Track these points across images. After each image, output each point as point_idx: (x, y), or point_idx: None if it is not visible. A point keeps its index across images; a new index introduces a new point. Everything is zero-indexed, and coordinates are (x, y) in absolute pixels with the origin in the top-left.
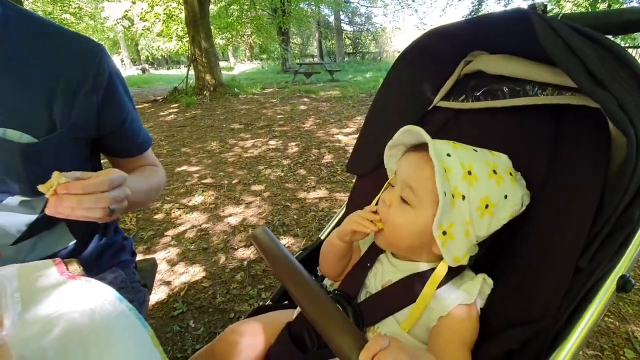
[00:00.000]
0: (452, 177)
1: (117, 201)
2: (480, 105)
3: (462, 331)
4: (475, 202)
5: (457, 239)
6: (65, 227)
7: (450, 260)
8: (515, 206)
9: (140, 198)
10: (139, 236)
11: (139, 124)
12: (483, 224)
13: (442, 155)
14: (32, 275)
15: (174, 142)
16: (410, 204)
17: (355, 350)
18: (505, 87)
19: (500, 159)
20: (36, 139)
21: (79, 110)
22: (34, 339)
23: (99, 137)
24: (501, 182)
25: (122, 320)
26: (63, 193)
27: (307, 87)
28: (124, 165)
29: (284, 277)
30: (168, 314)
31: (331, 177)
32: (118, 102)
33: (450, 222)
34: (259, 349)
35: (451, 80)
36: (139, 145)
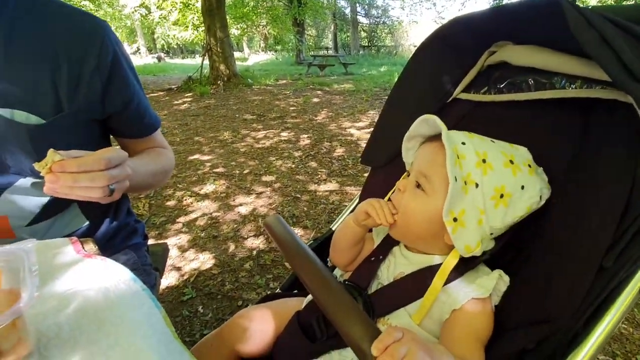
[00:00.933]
0: (466, 164)
1: (116, 180)
2: (503, 98)
3: (475, 325)
4: (489, 191)
5: (469, 227)
6: (78, 209)
7: (461, 249)
8: (533, 198)
9: (146, 180)
10: (151, 222)
11: (146, 105)
12: (498, 214)
13: (456, 142)
14: (50, 252)
15: (187, 131)
16: (424, 190)
17: (367, 340)
18: (531, 80)
19: (519, 151)
20: (43, 120)
21: (84, 91)
22: (50, 315)
23: (105, 118)
24: (518, 172)
25: (135, 300)
26: (58, 171)
27: (320, 79)
28: (131, 147)
29: (297, 265)
30: (178, 299)
31: (342, 171)
32: (123, 81)
33: (462, 210)
34: (268, 336)
35: (473, 72)
36: (146, 127)
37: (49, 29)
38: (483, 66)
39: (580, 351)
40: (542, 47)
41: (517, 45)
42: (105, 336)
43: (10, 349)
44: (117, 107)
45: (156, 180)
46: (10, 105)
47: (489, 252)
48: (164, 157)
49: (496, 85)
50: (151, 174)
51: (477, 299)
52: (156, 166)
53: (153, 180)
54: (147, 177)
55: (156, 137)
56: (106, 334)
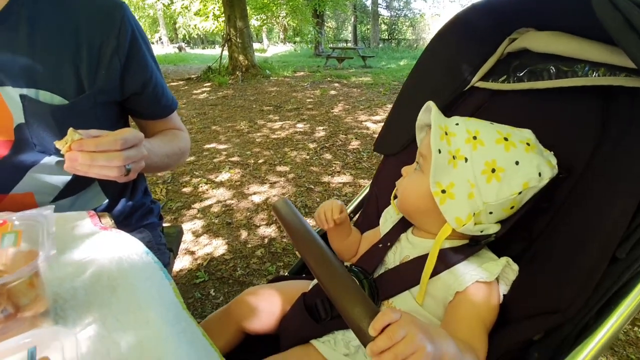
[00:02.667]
0: (455, 140)
1: (132, 160)
2: (522, 86)
3: (478, 309)
4: (480, 165)
5: (459, 200)
6: (99, 187)
7: (452, 221)
8: (530, 175)
9: (161, 161)
10: (168, 207)
11: (163, 86)
12: (491, 188)
13: (448, 123)
14: (68, 224)
15: (205, 120)
16: (421, 169)
17: (366, 319)
18: (552, 67)
19: (521, 132)
20: (66, 101)
21: (104, 72)
22: (67, 280)
23: (123, 99)
24: (511, 148)
25: (147, 271)
26: (77, 150)
27: (338, 72)
28: (149, 128)
29: (301, 247)
30: (191, 281)
31: (357, 163)
32: (141, 62)
33: (451, 182)
34: (275, 314)
35: (492, 60)
36: (163, 108)
37: (70, 9)
38: (503, 54)
39: (590, 342)
40: (565, 33)
41: (539, 32)
42: (117, 301)
43: (28, 304)
44: (136, 88)
45: (172, 161)
46: (34, 85)
47: (493, 235)
48: (180, 139)
49: (516, 74)
50: (167, 155)
51: (481, 283)
52: (172, 147)
53: (169, 161)
54: (163, 158)
55: (173, 119)
56: (118, 300)
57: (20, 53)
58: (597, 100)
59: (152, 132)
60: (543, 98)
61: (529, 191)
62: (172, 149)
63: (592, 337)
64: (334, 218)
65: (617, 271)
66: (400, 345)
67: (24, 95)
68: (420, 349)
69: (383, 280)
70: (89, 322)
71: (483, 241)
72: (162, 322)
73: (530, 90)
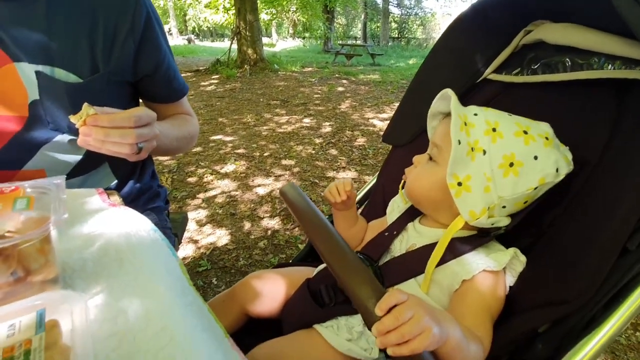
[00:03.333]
0: (474, 132)
1: (144, 139)
2: (536, 79)
3: (485, 297)
4: (498, 159)
5: (474, 193)
6: (109, 168)
7: (466, 214)
8: (547, 170)
9: (171, 144)
10: (173, 196)
11: (175, 70)
12: (507, 183)
13: (467, 112)
14: (78, 200)
15: (212, 112)
16: (435, 160)
17: (372, 300)
18: (568, 60)
19: (539, 125)
20: (81, 79)
21: (118, 53)
22: (76, 251)
23: (135, 80)
24: (531, 142)
25: (154, 246)
26: (91, 124)
27: (347, 69)
28: (160, 112)
29: (309, 229)
30: (194, 269)
31: (362, 160)
32: (155, 44)
33: (467, 175)
34: (278, 298)
35: (506, 52)
36: (174, 91)
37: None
38: (517, 46)
39: (596, 334)
40: (582, 25)
41: (556, 24)
42: (125, 273)
43: (38, 269)
44: (148, 70)
45: (181, 145)
46: (50, 62)
47: (503, 228)
48: (190, 124)
49: (530, 66)
50: (176, 139)
51: (488, 272)
52: (181, 131)
53: (178, 144)
54: (172, 141)
55: (183, 104)
56: (125, 272)
57: (37, 29)
58: (612, 94)
59: (162, 116)
60: (557, 91)
61: (544, 186)
62: (181, 133)
63: (599, 329)
64: (346, 190)
65: (627, 264)
66: (406, 325)
67: (39, 71)
68: (426, 331)
69: (388, 267)
70: (96, 292)
71: (492, 233)
72: (169, 293)
73: (544, 83)
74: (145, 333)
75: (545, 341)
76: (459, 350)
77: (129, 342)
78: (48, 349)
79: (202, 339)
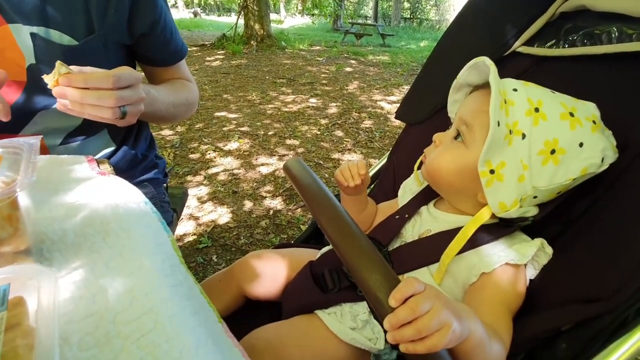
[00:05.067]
0: (514, 111)
1: (127, 102)
2: (574, 52)
3: (505, 292)
4: (538, 144)
5: (507, 182)
6: (108, 135)
7: (495, 206)
8: (592, 159)
9: (167, 110)
10: (175, 171)
11: (172, 31)
12: (545, 172)
13: (506, 87)
14: (64, 167)
15: (217, 88)
16: (463, 140)
17: (385, 289)
18: (615, 29)
19: (586, 106)
20: (76, 42)
21: (113, 10)
22: (56, 221)
23: (132, 42)
24: (577, 127)
25: (144, 219)
26: (64, 85)
27: (356, 49)
28: (156, 76)
29: (315, 208)
30: (194, 246)
31: (368, 142)
32: (151, 1)
33: (502, 162)
34: (278, 280)
35: (541, 21)
36: (170, 54)
37: None
38: (555, 14)
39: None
40: None
41: None
42: (109, 247)
43: (6, 239)
44: (144, 29)
45: (178, 112)
46: (45, 24)
47: (530, 219)
48: (188, 90)
49: (567, 37)
50: (172, 105)
51: (510, 265)
52: (178, 97)
53: (175, 111)
54: (168, 107)
55: (181, 69)
56: (110, 245)
57: None
58: None
59: (159, 80)
60: (600, 66)
61: (585, 177)
62: (178, 99)
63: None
64: (360, 173)
65: None
66: (424, 319)
67: (35, 33)
68: (446, 326)
69: (399, 254)
70: (75, 266)
71: (518, 223)
72: (156, 271)
73: (583, 57)
74: (127, 315)
75: (569, 341)
76: (481, 349)
77: (108, 324)
78: (10, 330)
79: (191, 324)
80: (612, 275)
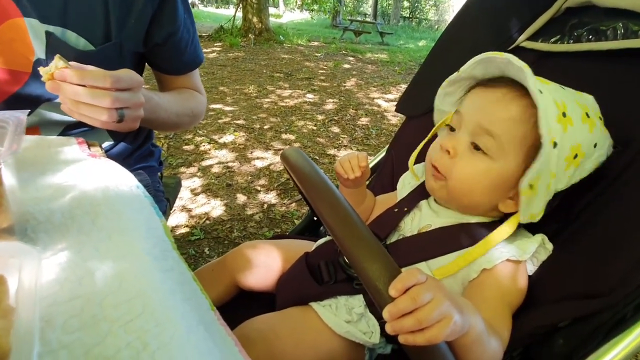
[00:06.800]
0: (547, 119)
1: (125, 104)
2: (579, 47)
3: (506, 289)
4: (565, 151)
5: (539, 194)
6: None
7: (525, 218)
8: (602, 157)
9: (169, 118)
10: (168, 162)
11: (189, 42)
12: (565, 176)
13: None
14: (53, 148)
15: (213, 80)
16: (487, 152)
17: (385, 279)
18: (620, 25)
19: (588, 100)
20: (92, 46)
21: (134, 21)
22: (43, 201)
23: (145, 50)
24: (593, 128)
25: (135, 202)
26: (59, 79)
27: (354, 46)
28: (166, 83)
29: (314, 195)
30: (186, 238)
31: (364, 140)
32: (172, 14)
33: (538, 175)
34: (273, 271)
35: (546, 16)
36: (183, 64)
37: None
38: (560, 9)
39: (626, 337)
40: None
41: None
42: (98, 229)
43: None
44: (159, 39)
45: (182, 122)
46: (63, 25)
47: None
48: (195, 101)
49: (573, 33)
50: (176, 114)
51: (512, 261)
52: (184, 107)
53: (178, 120)
54: (171, 116)
55: (193, 78)
56: (99, 228)
57: None
58: None
59: (169, 88)
60: (604, 62)
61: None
62: (183, 109)
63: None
64: (361, 165)
65: None
66: (424, 309)
67: (50, 32)
68: (447, 317)
69: (397, 247)
70: (62, 248)
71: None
72: (147, 255)
73: (588, 53)
74: (115, 298)
75: (567, 337)
76: (479, 343)
77: (94, 307)
78: None
79: (182, 310)
80: (612, 272)
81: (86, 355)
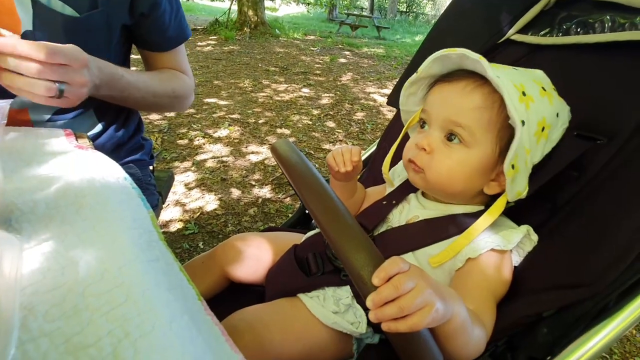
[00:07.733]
0: (512, 100)
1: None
2: (568, 40)
3: (490, 278)
4: (533, 127)
5: (521, 171)
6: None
7: (513, 196)
8: (565, 124)
9: (144, 98)
10: (162, 156)
11: (172, 16)
12: (539, 149)
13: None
14: (40, 140)
15: (208, 74)
16: (462, 142)
17: (369, 267)
18: (608, 18)
19: (540, 75)
20: (78, 14)
21: None
22: (27, 192)
23: (132, 22)
24: (552, 99)
25: (122, 194)
26: None
27: (351, 40)
28: (151, 61)
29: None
30: (180, 232)
31: (360, 134)
32: None
33: (516, 154)
34: (262, 263)
35: (536, 9)
36: (167, 39)
37: None
38: (550, 2)
39: (608, 325)
40: None
41: None
42: (82, 220)
43: None
44: (144, 8)
45: (163, 102)
46: None
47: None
48: (178, 81)
49: (562, 26)
50: (153, 94)
51: (496, 251)
52: (164, 87)
53: (156, 100)
54: (147, 96)
55: (178, 58)
56: (83, 218)
57: None
58: None
59: (153, 67)
60: (592, 55)
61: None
62: (163, 89)
63: (611, 319)
64: (353, 160)
65: None
66: (407, 297)
67: (36, 0)
68: (429, 305)
69: (384, 238)
70: (45, 238)
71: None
72: (131, 245)
73: (576, 46)
74: (97, 288)
75: (550, 326)
76: (462, 331)
77: (76, 297)
78: None
79: (166, 299)
80: (595, 262)
81: (67, 343)
